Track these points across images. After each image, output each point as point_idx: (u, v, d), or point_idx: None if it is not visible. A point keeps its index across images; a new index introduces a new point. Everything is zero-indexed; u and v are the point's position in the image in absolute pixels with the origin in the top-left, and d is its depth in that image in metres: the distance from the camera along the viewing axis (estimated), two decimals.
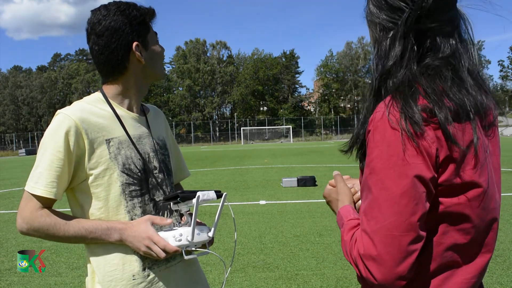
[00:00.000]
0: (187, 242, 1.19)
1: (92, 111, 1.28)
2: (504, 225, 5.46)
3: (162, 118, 1.56)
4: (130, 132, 1.32)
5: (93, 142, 1.24)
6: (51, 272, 4.28)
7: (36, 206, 1.22)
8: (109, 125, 1.29)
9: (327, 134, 65.94)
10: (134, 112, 1.38)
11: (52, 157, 1.20)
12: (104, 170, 1.25)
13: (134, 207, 1.28)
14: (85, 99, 1.34)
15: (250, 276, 3.95)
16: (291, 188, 9.59)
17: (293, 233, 5.50)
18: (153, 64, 1.35)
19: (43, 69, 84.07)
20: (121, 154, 1.27)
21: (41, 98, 74.32)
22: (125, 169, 1.27)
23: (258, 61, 71.22)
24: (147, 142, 1.36)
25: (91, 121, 1.25)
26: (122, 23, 1.27)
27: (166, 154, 1.45)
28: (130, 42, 1.29)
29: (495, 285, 3.53)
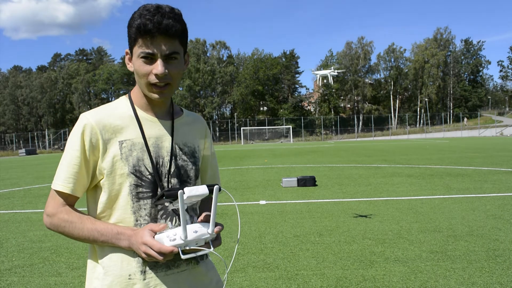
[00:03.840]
0: (182, 241, 1.17)
1: (113, 113, 1.33)
2: (504, 225, 5.46)
3: (199, 126, 1.52)
4: (147, 134, 1.33)
5: (107, 143, 1.29)
6: (51, 272, 4.28)
7: (58, 203, 1.30)
8: (125, 127, 1.32)
9: (327, 134, 65.89)
10: (157, 115, 1.38)
11: (70, 156, 1.28)
12: (115, 170, 1.29)
13: (140, 209, 1.30)
14: (115, 101, 1.40)
15: (250, 276, 3.95)
16: (291, 188, 9.64)
17: (293, 233, 5.50)
18: (138, 79, 1.32)
19: (43, 69, 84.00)
20: (132, 156, 1.29)
21: (41, 98, 74.27)
22: (135, 170, 1.29)
23: (258, 61, 71.17)
24: (164, 146, 1.36)
25: (107, 123, 1.30)
26: (129, 24, 1.28)
27: (190, 161, 1.42)
28: (129, 46, 1.31)
29: (495, 285, 3.53)
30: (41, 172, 18.24)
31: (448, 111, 72.18)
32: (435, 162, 15.11)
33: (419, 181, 10.01)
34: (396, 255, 4.40)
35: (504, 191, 8.17)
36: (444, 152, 21.21)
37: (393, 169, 13.07)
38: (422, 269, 3.96)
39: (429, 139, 44.47)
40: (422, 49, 70.32)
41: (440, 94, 71.68)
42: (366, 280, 3.74)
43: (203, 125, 1.54)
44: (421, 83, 70.57)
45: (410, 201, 7.50)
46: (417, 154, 20.29)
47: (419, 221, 5.92)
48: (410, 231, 5.39)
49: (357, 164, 15.66)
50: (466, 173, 11.46)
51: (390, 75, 72.72)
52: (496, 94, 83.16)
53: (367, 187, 9.41)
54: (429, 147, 26.35)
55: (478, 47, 75.94)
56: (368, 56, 72.40)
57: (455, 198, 7.69)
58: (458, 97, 73.36)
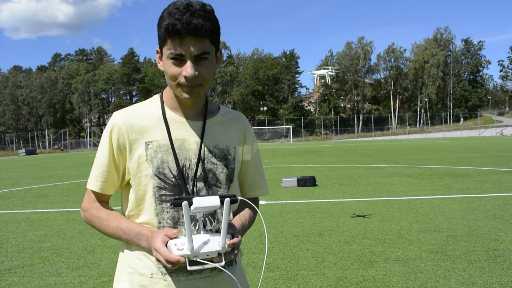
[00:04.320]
0: (189, 252, 1.13)
1: (142, 113, 1.33)
2: (504, 225, 5.46)
3: (237, 127, 1.43)
4: (174, 136, 1.31)
5: (133, 143, 1.29)
6: (51, 272, 4.28)
7: (90, 199, 1.35)
8: (152, 128, 1.30)
9: (327, 134, 65.88)
10: (188, 115, 1.35)
11: (100, 155, 1.32)
12: (141, 171, 1.29)
13: (163, 211, 1.29)
14: (146, 100, 1.39)
15: (250, 276, 3.95)
16: (291, 188, 9.64)
17: (293, 233, 5.50)
18: (168, 79, 1.28)
19: (43, 69, 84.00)
20: (157, 158, 1.28)
21: (41, 98, 74.26)
22: (159, 172, 1.28)
23: (258, 61, 71.18)
24: (191, 148, 1.31)
25: (135, 123, 1.30)
26: (158, 23, 1.23)
27: (221, 164, 1.35)
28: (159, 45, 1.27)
29: (495, 285, 3.53)
30: (41, 172, 18.24)
31: (448, 111, 72.17)
32: (435, 162, 15.11)
33: (419, 181, 10.01)
34: (396, 255, 4.40)
35: (504, 191, 8.17)
36: (444, 152, 21.21)
37: (393, 169, 13.07)
38: (422, 269, 3.96)
39: (429, 139, 44.47)
40: (422, 49, 70.31)
41: (440, 94, 71.67)
42: (366, 280, 3.74)
43: (242, 125, 1.45)
44: (421, 83, 70.57)
45: (410, 201, 7.50)
46: (417, 154, 20.29)
47: (419, 221, 5.92)
48: (410, 231, 5.39)
49: (357, 164, 15.66)
50: (466, 173, 11.46)
51: (390, 75, 72.72)
52: (496, 94, 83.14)
53: (367, 187, 9.41)
54: (429, 147, 26.35)
55: (478, 47, 75.95)
56: (368, 56, 72.40)
57: (455, 198, 7.69)
58: (458, 97, 73.35)
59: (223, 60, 71.94)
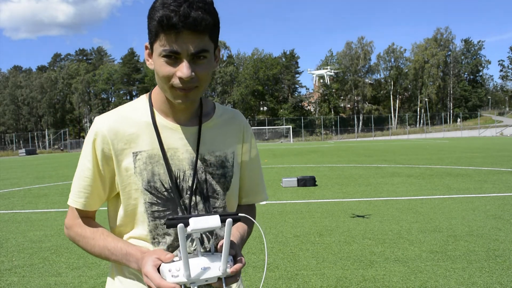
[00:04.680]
0: (185, 279, 0.98)
1: (128, 118, 1.17)
2: (504, 225, 5.46)
3: (235, 128, 1.29)
4: (166, 145, 1.16)
5: (119, 154, 1.14)
6: (51, 272, 4.28)
7: (74, 215, 1.21)
8: (141, 136, 1.15)
9: (327, 134, 65.89)
10: (181, 120, 1.19)
11: (82, 167, 1.17)
12: (129, 185, 1.15)
13: (157, 227, 1.16)
14: (132, 102, 1.23)
15: (250, 276, 3.95)
16: (291, 188, 9.64)
17: (293, 233, 5.50)
18: (158, 80, 1.11)
19: (43, 69, 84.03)
20: (147, 170, 1.14)
21: (41, 98, 74.27)
22: (149, 186, 1.14)
23: (258, 61, 71.20)
24: (185, 157, 1.17)
25: (121, 131, 1.15)
26: (149, 15, 1.07)
27: (218, 173, 1.21)
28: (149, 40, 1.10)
29: (495, 285, 3.53)
30: (41, 172, 18.24)
31: (448, 111, 72.18)
32: (435, 162, 15.11)
33: (419, 181, 10.01)
34: (396, 255, 4.40)
35: (504, 191, 8.17)
36: (444, 152, 21.21)
37: (393, 169, 13.07)
38: (422, 269, 3.96)
39: (429, 139, 44.47)
40: (422, 49, 70.32)
41: (440, 94, 71.68)
42: (366, 280, 3.74)
43: (240, 124, 1.31)
44: (421, 83, 70.58)
45: (410, 201, 7.50)
46: (417, 154, 20.29)
47: (419, 221, 5.92)
48: (410, 231, 5.39)
49: (357, 164, 15.66)
50: (466, 173, 11.46)
51: (390, 75, 72.72)
52: (496, 94, 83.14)
53: (367, 187, 9.41)
54: (429, 147, 26.35)
55: (478, 47, 75.95)
56: (368, 56, 72.41)
57: (455, 198, 7.69)
58: (458, 97, 73.35)
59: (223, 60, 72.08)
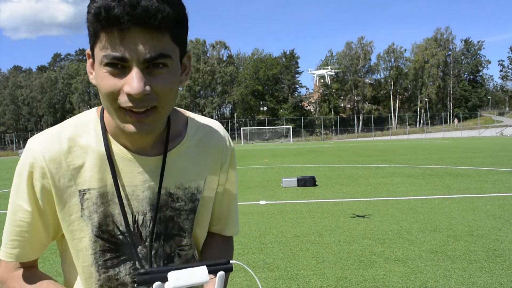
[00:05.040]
0: None
1: (73, 144, 0.89)
2: (504, 225, 5.46)
3: (212, 148, 1.02)
4: (122, 180, 0.90)
5: (63, 192, 0.88)
6: (51, 272, 4.27)
7: (8, 267, 0.93)
8: (90, 169, 0.89)
9: (327, 134, 65.92)
10: (140, 149, 0.92)
11: (15, 208, 0.91)
12: (75, 233, 0.90)
13: (110, 280, 0.93)
14: (78, 119, 0.94)
15: (250, 276, 3.95)
16: (291, 188, 9.64)
17: (293, 233, 5.50)
18: (102, 99, 0.81)
19: (43, 69, 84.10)
20: (98, 213, 0.89)
21: (41, 98, 74.34)
22: (101, 232, 0.90)
23: (258, 61, 71.26)
24: (146, 196, 0.92)
25: (63, 162, 0.88)
26: (88, 9, 0.77)
27: (185, 210, 0.97)
28: (90, 44, 0.81)
29: (495, 285, 3.53)
30: None
31: (448, 111, 72.19)
32: (435, 162, 15.11)
33: (419, 181, 10.01)
34: (396, 255, 4.40)
35: (504, 191, 8.17)
36: (444, 152, 21.22)
37: (393, 169, 13.07)
38: (422, 269, 3.96)
39: (429, 139, 44.48)
40: (422, 49, 70.35)
41: (440, 94, 71.70)
42: (366, 280, 3.74)
43: (218, 143, 1.02)
44: (421, 83, 70.61)
45: (410, 201, 7.50)
46: (417, 154, 20.29)
47: (419, 221, 5.92)
48: (410, 231, 5.39)
49: (357, 164, 15.66)
50: (466, 173, 11.46)
51: (390, 75, 72.74)
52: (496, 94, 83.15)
53: (367, 187, 9.41)
54: (429, 147, 26.36)
55: (478, 47, 75.96)
56: (368, 56, 72.44)
57: (455, 198, 7.69)
58: (458, 97, 73.37)
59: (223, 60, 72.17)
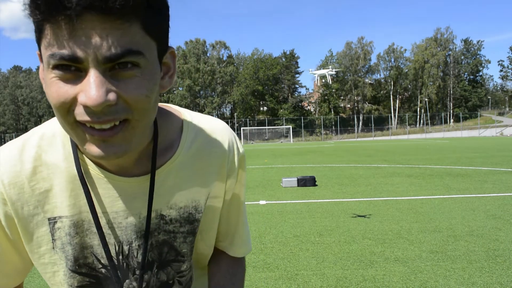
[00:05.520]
0: None
1: (38, 162, 0.72)
2: (504, 225, 5.46)
3: (215, 159, 0.82)
4: (100, 206, 0.74)
5: (28, 222, 0.72)
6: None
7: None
8: (60, 194, 0.72)
9: (327, 134, 65.94)
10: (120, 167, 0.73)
11: None
12: (45, 265, 0.75)
13: None
14: (40, 133, 0.74)
15: (250, 276, 3.95)
16: (291, 188, 9.64)
17: (293, 233, 5.50)
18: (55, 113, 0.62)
19: None
20: (72, 244, 0.73)
21: (41, 98, 74.35)
22: (78, 266, 0.75)
23: (258, 61, 71.28)
24: (130, 223, 0.75)
25: (26, 186, 0.71)
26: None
27: (182, 231, 0.81)
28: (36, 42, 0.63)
29: (495, 285, 3.53)
30: None
31: (448, 111, 72.22)
32: (435, 162, 15.11)
33: (419, 181, 10.01)
34: (396, 255, 4.40)
35: (504, 191, 8.17)
36: (444, 152, 21.22)
37: (393, 169, 13.07)
38: (422, 269, 3.96)
39: (429, 139, 44.47)
40: (422, 49, 70.38)
41: (440, 94, 71.73)
42: (366, 280, 3.75)
43: (223, 156, 0.82)
44: (421, 83, 70.63)
45: (410, 201, 7.50)
46: (417, 154, 20.29)
47: (419, 221, 5.93)
48: (410, 231, 5.39)
49: (357, 164, 15.66)
50: (466, 173, 11.46)
51: (390, 75, 72.77)
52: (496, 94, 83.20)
53: (367, 187, 9.41)
54: (429, 147, 26.37)
55: (477, 47, 75.97)
56: (368, 56, 72.46)
57: (455, 198, 7.69)
58: (458, 97, 73.40)
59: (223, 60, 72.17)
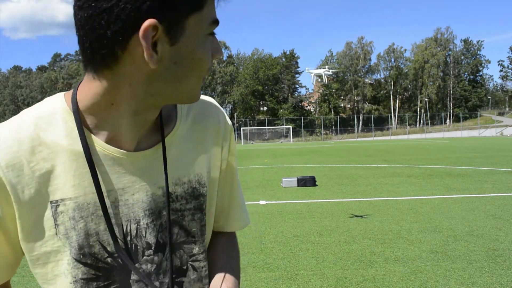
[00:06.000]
0: None
1: (37, 142, 0.67)
2: (504, 225, 5.46)
3: (211, 127, 0.82)
4: (107, 184, 0.70)
5: (29, 207, 0.67)
6: None
7: None
8: (63, 174, 0.68)
9: (327, 134, 65.94)
10: (128, 143, 0.70)
11: None
12: (46, 255, 0.69)
13: None
14: (35, 112, 0.69)
15: (250, 276, 3.95)
16: (291, 188, 9.64)
17: (293, 233, 5.50)
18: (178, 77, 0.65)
19: (43, 69, 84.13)
20: (77, 229, 0.68)
21: (41, 98, 74.16)
22: (82, 255, 0.69)
23: (258, 61, 71.29)
24: (137, 198, 0.72)
25: (26, 167, 0.66)
26: None
27: (190, 208, 0.77)
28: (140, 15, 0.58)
29: (495, 285, 3.54)
30: None
31: (448, 111, 72.22)
32: (435, 162, 15.11)
33: (419, 181, 10.01)
34: (396, 255, 4.40)
35: (504, 191, 8.17)
36: (444, 152, 21.22)
37: (393, 169, 13.07)
38: (422, 269, 3.96)
39: (429, 139, 44.49)
40: (422, 49, 70.38)
41: (440, 94, 71.72)
42: (366, 280, 3.74)
43: (217, 122, 0.83)
44: (421, 83, 70.63)
45: (410, 201, 7.50)
46: (417, 154, 20.29)
47: (419, 221, 5.93)
48: (410, 231, 5.39)
49: (357, 164, 15.66)
50: (466, 173, 11.46)
51: (390, 75, 72.77)
52: (496, 94, 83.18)
53: (367, 187, 9.41)
54: (429, 147, 26.37)
55: (477, 47, 75.96)
56: (368, 56, 72.46)
57: (455, 198, 7.69)
58: (458, 97, 73.39)
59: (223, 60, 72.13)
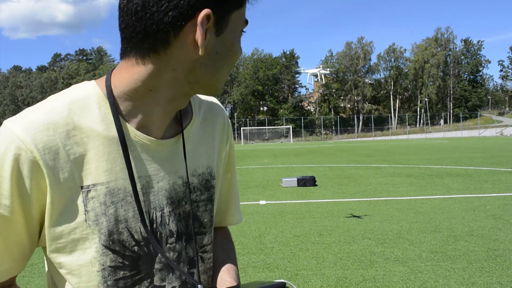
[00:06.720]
0: None
1: (71, 126, 0.67)
2: (504, 225, 5.46)
3: (218, 122, 0.87)
4: (138, 171, 0.72)
5: (63, 191, 0.66)
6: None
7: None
8: (96, 159, 0.68)
9: (327, 134, 65.95)
10: (154, 131, 0.73)
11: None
12: (74, 242, 0.68)
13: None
14: (67, 97, 0.69)
15: (250, 276, 3.95)
16: (291, 188, 9.64)
17: (293, 233, 5.50)
18: (216, 66, 0.70)
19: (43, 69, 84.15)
20: (107, 215, 0.69)
21: (41, 98, 74.38)
22: (111, 241, 0.70)
23: (258, 61, 71.29)
24: (161, 186, 0.74)
25: (62, 151, 0.66)
26: None
27: (203, 199, 0.82)
28: (198, 4, 0.63)
29: (495, 285, 3.54)
30: None
31: (448, 111, 72.22)
32: (435, 162, 15.11)
33: (419, 181, 10.01)
34: (396, 255, 4.40)
35: (504, 191, 8.17)
36: (444, 152, 21.22)
37: (393, 169, 13.07)
38: (422, 269, 3.96)
39: (429, 139, 44.48)
40: (422, 49, 70.38)
41: (440, 94, 71.73)
42: (366, 280, 3.74)
43: (224, 120, 0.88)
44: (421, 83, 70.63)
45: (410, 201, 7.50)
46: (417, 154, 20.29)
47: (419, 221, 5.93)
48: (410, 231, 5.39)
49: (357, 164, 15.66)
50: (466, 173, 11.46)
51: (390, 75, 72.77)
52: (496, 94, 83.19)
53: (367, 187, 9.41)
54: (429, 147, 26.37)
55: (477, 47, 75.97)
56: (368, 56, 72.48)
57: (455, 198, 7.69)
58: (458, 97, 73.40)
59: None
